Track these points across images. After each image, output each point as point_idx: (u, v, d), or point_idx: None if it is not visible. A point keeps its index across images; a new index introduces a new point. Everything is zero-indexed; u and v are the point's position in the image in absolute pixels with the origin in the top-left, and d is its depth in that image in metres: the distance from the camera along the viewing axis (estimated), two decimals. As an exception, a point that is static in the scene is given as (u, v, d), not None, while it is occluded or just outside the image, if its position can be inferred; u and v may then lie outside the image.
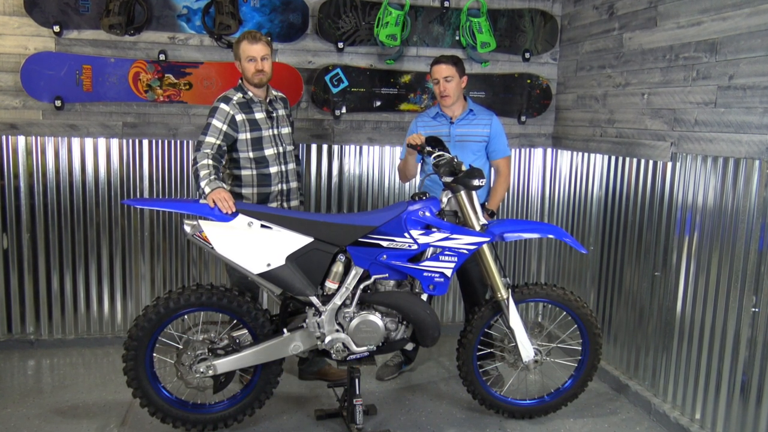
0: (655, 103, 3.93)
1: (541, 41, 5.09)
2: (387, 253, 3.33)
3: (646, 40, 4.02)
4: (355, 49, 4.85)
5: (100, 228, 4.69)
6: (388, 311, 3.45)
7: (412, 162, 4.02)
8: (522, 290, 3.63)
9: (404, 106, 4.97)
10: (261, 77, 3.70)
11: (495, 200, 4.03)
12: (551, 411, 3.81)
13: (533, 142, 5.26)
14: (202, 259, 4.88)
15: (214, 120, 3.61)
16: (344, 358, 3.44)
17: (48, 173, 4.56)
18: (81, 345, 4.74)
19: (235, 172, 3.79)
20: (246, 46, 3.67)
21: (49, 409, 3.80)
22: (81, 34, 4.45)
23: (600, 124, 4.53)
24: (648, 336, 4.00)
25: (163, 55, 4.53)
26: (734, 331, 3.31)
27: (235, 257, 3.26)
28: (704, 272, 3.53)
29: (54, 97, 4.43)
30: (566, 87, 5.05)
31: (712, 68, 3.46)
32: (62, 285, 4.70)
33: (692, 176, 3.61)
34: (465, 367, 3.68)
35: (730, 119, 3.33)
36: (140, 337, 3.29)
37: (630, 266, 4.20)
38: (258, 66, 3.67)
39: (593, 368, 3.77)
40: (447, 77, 3.88)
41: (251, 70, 3.68)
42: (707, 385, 3.51)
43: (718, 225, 3.42)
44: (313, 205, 4.95)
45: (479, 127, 4.00)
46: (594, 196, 4.63)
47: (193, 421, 3.43)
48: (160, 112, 4.65)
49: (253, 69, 3.67)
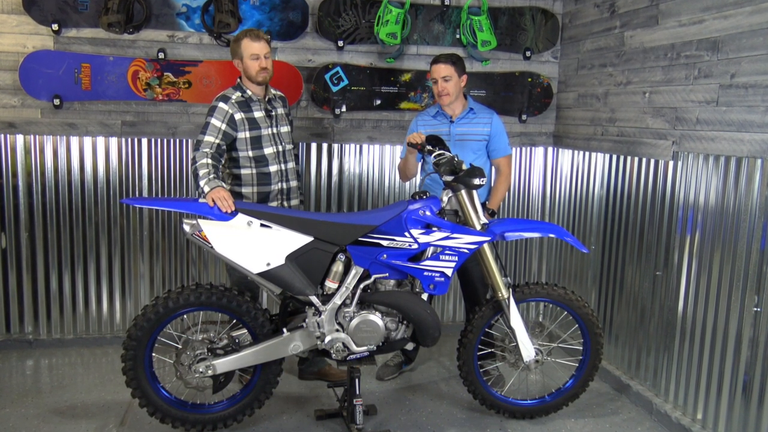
0: (656, 102, 3.93)
1: (542, 39, 5.09)
2: (387, 252, 3.33)
3: (647, 38, 4.02)
4: (355, 48, 4.85)
5: (98, 227, 4.69)
6: (388, 311, 3.45)
7: (412, 161, 4.02)
8: (523, 290, 3.63)
9: (404, 104, 4.97)
10: (265, 75, 3.70)
11: (496, 199, 4.03)
12: (552, 411, 3.81)
13: (534, 140, 5.26)
14: (202, 258, 4.88)
15: (213, 119, 3.61)
16: (344, 358, 3.44)
17: (47, 172, 4.57)
18: (80, 345, 4.75)
19: (234, 171, 3.79)
20: (249, 44, 3.67)
21: (47, 410, 3.80)
22: (80, 32, 4.45)
23: (601, 122, 4.53)
24: (649, 335, 4.01)
25: (162, 54, 4.53)
26: (736, 330, 3.32)
27: (234, 257, 3.26)
28: (706, 271, 3.53)
29: (53, 96, 4.43)
30: (567, 85, 5.05)
31: (713, 67, 3.46)
32: (61, 284, 4.71)
33: (694, 175, 3.61)
34: (465, 367, 3.68)
35: (732, 118, 3.33)
36: (139, 337, 3.30)
37: (631, 265, 4.20)
38: (262, 63, 3.67)
39: (594, 368, 3.77)
40: (445, 77, 3.88)
41: (255, 68, 3.67)
42: (709, 385, 3.51)
43: (720, 224, 3.42)
44: (312, 204, 4.96)
45: (479, 125, 4.00)
46: (595, 195, 4.64)
47: (193, 421, 3.43)
48: (159, 110, 4.65)
49: (257, 67, 3.67)
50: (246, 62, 3.68)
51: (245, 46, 3.67)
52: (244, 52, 3.67)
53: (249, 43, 3.67)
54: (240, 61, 3.71)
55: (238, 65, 3.73)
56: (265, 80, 3.72)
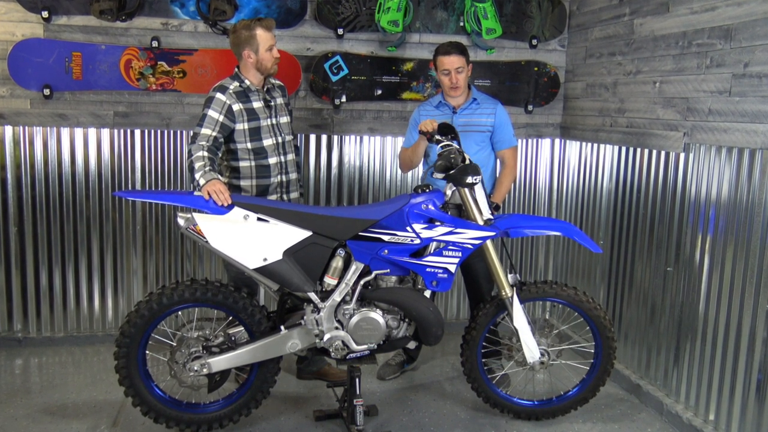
0: (667, 92, 3.92)
1: (549, 27, 5.08)
2: (388, 247, 3.33)
3: (657, 26, 4.01)
4: (356, 36, 4.84)
5: (90, 221, 4.69)
6: (389, 308, 3.45)
7: (421, 150, 3.98)
8: (530, 288, 3.62)
9: (406, 94, 4.97)
10: (277, 66, 3.74)
11: (500, 193, 4.03)
12: (559, 414, 3.80)
13: (540, 132, 5.25)
14: (197, 253, 4.88)
15: (209, 111, 3.60)
16: (344, 357, 3.44)
17: (36, 164, 4.57)
18: (70, 343, 4.75)
19: (233, 164, 3.79)
20: (265, 34, 3.65)
21: (37, 410, 3.81)
22: (70, 19, 4.45)
23: (610, 113, 4.52)
24: (660, 334, 4.01)
25: (155, 42, 4.53)
26: (749, 328, 3.32)
27: (230, 251, 3.27)
28: (718, 267, 3.53)
29: (42, 86, 4.42)
30: (575, 75, 5.04)
31: (726, 55, 3.46)
32: (51, 281, 4.71)
33: (706, 168, 3.61)
34: (469, 365, 3.69)
35: (745, 108, 3.32)
36: (132, 334, 3.30)
37: (641, 261, 4.20)
38: (275, 54, 3.70)
39: (606, 373, 3.73)
40: (459, 68, 3.89)
41: (270, 59, 3.69)
42: (722, 385, 3.51)
43: (733, 218, 3.42)
44: (311, 197, 4.96)
45: (483, 116, 4.00)
46: (604, 189, 4.63)
47: (187, 421, 3.44)
48: (152, 101, 4.65)
49: (272, 58, 3.69)
50: (262, 54, 3.66)
51: (261, 37, 3.65)
52: (260, 43, 3.65)
53: (264, 33, 3.65)
54: (253, 52, 3.66)
55: (248, 56, 3.68)
56: (276, 71, 3.73)
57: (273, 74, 3.76)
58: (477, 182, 3.38)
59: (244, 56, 3.69)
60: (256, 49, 3.66)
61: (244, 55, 3.69)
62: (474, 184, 3.37)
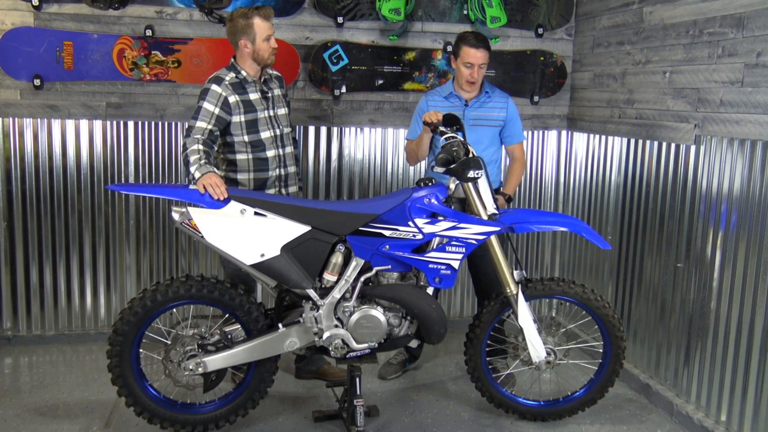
0: (677, 82, 3.91)
1: (556, 15, 5.07)
2: (390, 243, 3.33)
3: (667, 14, 4.00)
4: (356, 24, 4.83)
5: (82, 216, 4.69)
6: (390, 305, 3.45)
7: (426, 142, 3.97)
8: (536, 285, 3.62)
9: (408, 85, 4.96)
10: (275, 56, 3.73)
11: (512, 185, 4.09)
12: (566, 415, 3.80)
13: (547, 123, 5.25)
14: (192, 248, 4.88)
15: (205, 103, 3.59)
16: (344, 356, 3.44)
17: (26, 157, 4.56)
18: (62, 341, 4.76)
19: (229, 157, 3.78)
20: (262, 24, 3.64)
21: (27, 410, 3.81)
22: (62, 8, 4.44)
23: (618, 104, 4.51)
24: (670, 332, 4.01)
25: (149, 31, 4.52)
26: (762, 326, 3.31)
27: (226, 247, 3.26)
28: (731, 264, 3.52)
29: (33, 76, 4.42)
30: (582, 65, 5.03)
31: (738, 45, 3.45)
32: (42, 277, 4.71)
33: (717, 160, 3.60)
34: (473, 364, 3.69)
35: (758, 99, 3.31)
36: (126, 332, 3.30)
37: (651, 257, 4.20)
38: (273, 44, 3.69)
39: (614, 373, 3.73)
40: (482, 64, 3.92)
41: (267, 49, 3.68)
42: (734, 384, 3.51)
43: (746, 213, 3.41)
44: (310, 191, 4.96)
45: (495, 110, 4.01)
46: (612, 182, 4.63)
47: (182, 421, 3.44)
48: (146, 91, 4.64)
49: (270, 48, 3.69)
50: (259, 44, 3.66)
51: (259, 26, 3.64)
52: (258, 33, 3.64)
53: (262, 23, 3.65)
54: (250, 42, 3.66)
55: (245, 46, 3.67)
56: (274, 62, 3.72)
57: (270, 65, 3.76)
58: (479, 176, 3.36)
59: (240, 46, 3.68)
60: (253, 39, 3.66)
61: (240, 45, 3.68)
62: (476, 178, 3.36)
